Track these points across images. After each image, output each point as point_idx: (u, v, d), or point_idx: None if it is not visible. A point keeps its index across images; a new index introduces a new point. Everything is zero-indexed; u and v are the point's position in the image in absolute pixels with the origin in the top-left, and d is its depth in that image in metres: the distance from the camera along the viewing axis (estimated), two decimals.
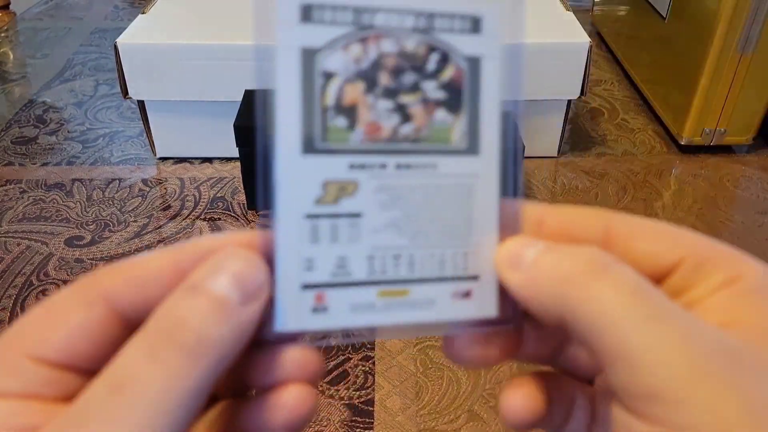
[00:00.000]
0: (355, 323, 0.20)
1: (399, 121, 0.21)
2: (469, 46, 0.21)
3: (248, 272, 0.18)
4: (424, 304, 0.20)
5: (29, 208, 0.90)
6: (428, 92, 0.21)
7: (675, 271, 0.18)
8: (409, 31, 0.20)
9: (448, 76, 0.21)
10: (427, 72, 0.21)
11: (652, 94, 1.19)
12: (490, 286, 0.21)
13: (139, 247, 0.84)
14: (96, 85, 1.25)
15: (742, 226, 0.91)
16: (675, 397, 0.14)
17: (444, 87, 0.21)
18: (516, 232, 0.20)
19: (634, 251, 0.19)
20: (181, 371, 0.16)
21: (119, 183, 0.97)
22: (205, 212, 0.91)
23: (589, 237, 0.19)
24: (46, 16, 1.57)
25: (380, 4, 0.20)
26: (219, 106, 0.97)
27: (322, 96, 0.20)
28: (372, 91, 0.20)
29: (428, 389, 0.65)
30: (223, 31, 0.95)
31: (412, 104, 0.21)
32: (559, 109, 1.02)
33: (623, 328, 0.15)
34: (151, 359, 0.15)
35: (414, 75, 0.21)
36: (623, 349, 0.15)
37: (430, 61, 0.21)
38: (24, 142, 1.07)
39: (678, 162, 1.05)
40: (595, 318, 0.16)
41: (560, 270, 0.17)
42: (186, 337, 0.16)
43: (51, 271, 0.79)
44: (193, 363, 0.16)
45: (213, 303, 0.17)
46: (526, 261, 0.19)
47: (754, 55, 0.97)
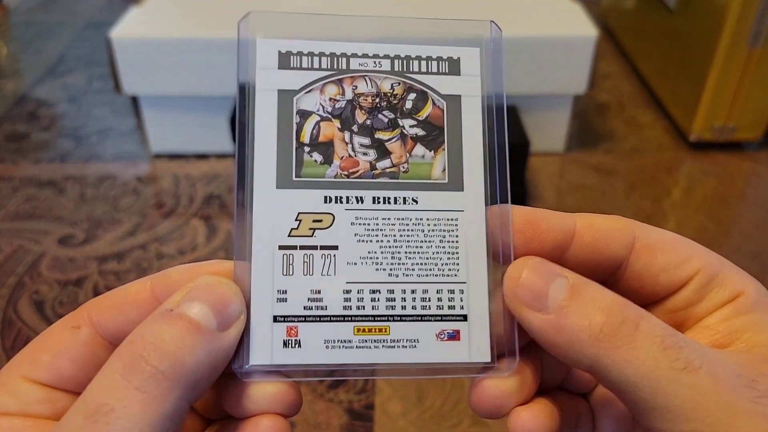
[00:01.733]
0: (329, 360, 0.19)
1: (376, 157, 0.21)
2: (448, 86, 0.22)
3: (226, 298, 0.18)
4: (406, 344, 0.20)
5: (22, 207, 0.88)
6: (406, 129, 0.21)
7: (689, 283, 0.20)
8: (385, 73, 0.21)
9: (425, 113, 0.21)
10: (405, 110, 0.21)
11: (660, 88, 1.16)
12: (482, 328, 0.20)
13: (133, 245, 0.82)
14: (89, 80, 1.23)
15: (753, 224, 0.89)
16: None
17: (422, 124, 0.21)
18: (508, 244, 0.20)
19: (657, 263, 0.20)
20: (157, 397, 0.16)
21: (114, 181, 0.95)
22: (200, 210, 0.89)
23: (618, 250, 0.20)
24: (39, 10, 1.54)
25: (356, 50, 0.21)
26: (214, 101, 0.95)
27: (299, 133, 0.20)
28: (348, 128, 0.21)
29: (430, 393, 0.64)
30: (219, 23, 0.93)
31: (389, 140, 0.21)
32: (566, 104, 1.00)
33: (659, 383, 0.17)
34: (127, 385, 0.16)
35: (391, 113, 0.21)
36: (661, 402, 0.17)
37: (408, 100, 0.21)
38: (16, 138, 1.05)
39: (687, 159, 1.03)
40: (630, 375, 0.17)
41: (592, 327, 0.17)
42: (161, 361, 0.16)
43: (44, 270, 0.77)
44: (168, 388, 0.16)
45: (189, 328, 0.17)
46: (552, 305, 0.18)
47: (765, 50, 0.94)
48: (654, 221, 0.88)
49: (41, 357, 0.18)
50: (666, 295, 0.20)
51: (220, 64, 0.90)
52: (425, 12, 1.00)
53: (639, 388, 0.17)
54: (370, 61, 0.21)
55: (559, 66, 0.94)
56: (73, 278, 0.76)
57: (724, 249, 0.84)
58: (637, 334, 0.17)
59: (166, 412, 0.16)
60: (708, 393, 0.16)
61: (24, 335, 0.69)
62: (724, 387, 0.17)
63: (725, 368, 0.17)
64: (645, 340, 0.17)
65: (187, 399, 0.17)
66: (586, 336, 0.17)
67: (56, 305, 0.73)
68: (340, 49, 0.21)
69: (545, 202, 0.91)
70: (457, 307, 0.20)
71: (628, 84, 1.24)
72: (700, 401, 0.16)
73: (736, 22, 0.92)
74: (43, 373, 0.18)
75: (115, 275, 0.77)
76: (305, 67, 0.21)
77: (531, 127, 0.94)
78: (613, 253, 0.20)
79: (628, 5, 1.33)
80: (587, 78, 0.94)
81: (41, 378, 0.18)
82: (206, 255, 0.81)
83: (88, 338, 0.19)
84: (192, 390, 0.17)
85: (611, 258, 0.20)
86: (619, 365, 0.17)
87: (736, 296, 0.19)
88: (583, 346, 0.17)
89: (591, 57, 0.92)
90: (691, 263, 0.19)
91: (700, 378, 0.17)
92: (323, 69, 0.21)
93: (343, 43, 0.21)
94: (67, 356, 0.18)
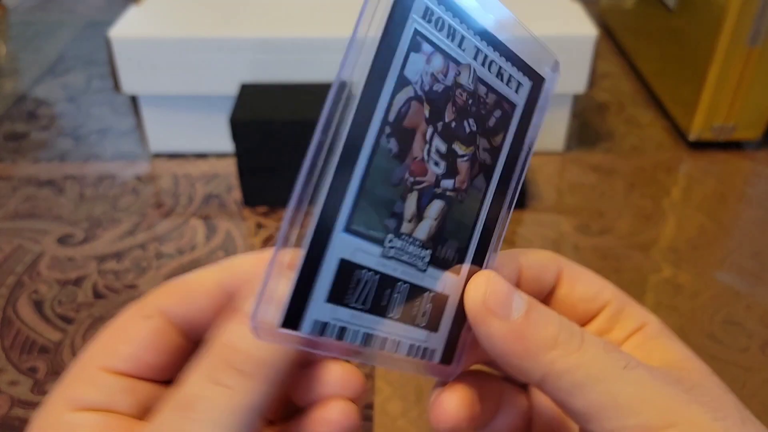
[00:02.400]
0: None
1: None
2: None
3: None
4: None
5: (21, 206, 0.88)
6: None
7: (600, 313, 0.23)
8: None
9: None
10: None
11: (660, 88, 1.16)
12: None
13: (132, 245, 0.81)
14: (88, 79, 1.23)
15: (752, 223, 0.89)
16: (663, 425, 0.18)
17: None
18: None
19: (576, 293, 0.23)
20: (241, 391, 0.17)
21: (113, 180, 0.95)
22: (199, 209, 0.89)
23: (550, 281, 0.23)
24: (38, 9, 1.54)
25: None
26: (214, 101, 0.95)
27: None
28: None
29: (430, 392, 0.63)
30: (219, 22, 0.93)
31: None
32: (565, 104, 1.00)
33: (607, 381, 0.19)
34: (214, 383, 0.17)
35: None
36: (610, 401, 0.18)
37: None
38: (15, 138, 1.05)
39: (686, 158, 1.03)
40: (581, 377, 0.19)
41: (549, 336, 0.19)
42: (242, 361, 0.18)
43: (43, 270, 0.77)
44: (250, 383, 0.18)
45: None
46: (515, 314, 0.19)
47: (764, 49, 0.94)
48: (653, 220, 0.88)
49: (120, 347, 0.19)
50: (582, 323, 0.22)
51: (220, 64, 0.90)
52: None
53: (589, 389, 0.19)
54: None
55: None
56: (73, 278, 0.76)
57: (723, 248, 0.84)
58: (584, 343, 0.19)
59: (250, 405, 0.17)
60: (649, 386, 0.19)
61: (23, 335, 0.69)
62: (661, 381, 0.19)
63: (656, 369, 0.19)
64: (591, 346, 0.19)
65: (268, 392, 0.18)
66: (543, 344, 0.19)
67: (55, 305, 0.73)
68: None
69: (545, 201, 0.91)
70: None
71: (628, 83, 1.24)
72: (644, 394, 0.18)
73: (735, 21, 0.92)
74: (124, 363, 0.19)
75: (114, 275, 0.76)
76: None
77: None
78: (546, 283, 0.23)
79: (627, 5, 1.33)
80: (587, 77, 0.94)
81: (123, 368, 0.19)
82: (205, 255, 0.81)
83: (162, 326, 0.19)
84: (272, 383, 0.18)
85: (544, 288, 0.23)
86: (571, 369, 0.19)
87: (642, 326, 0.22)
88: (539, 353, 0.19)
89: (590, 56, 0.92)
90: (603, 295, 0.23)
91: (640, 374, 0.19)
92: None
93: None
94: (144, 345, 0.19)
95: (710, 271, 0.80)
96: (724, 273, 0.79)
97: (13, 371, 0.66)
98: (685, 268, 0.79)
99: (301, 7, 0.98)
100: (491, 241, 0.21)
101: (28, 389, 0.64)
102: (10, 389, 0.64)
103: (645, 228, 0.86)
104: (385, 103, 0.17)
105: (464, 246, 0.20)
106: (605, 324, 0.23)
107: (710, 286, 0.77)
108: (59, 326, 0.70)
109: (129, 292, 0.74)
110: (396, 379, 0.65)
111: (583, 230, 0.85)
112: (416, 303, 0.20)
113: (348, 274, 0.18)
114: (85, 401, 0.18)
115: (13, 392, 0.64)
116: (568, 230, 0.85)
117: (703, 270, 0.79)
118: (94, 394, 0.18)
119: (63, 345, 0.68)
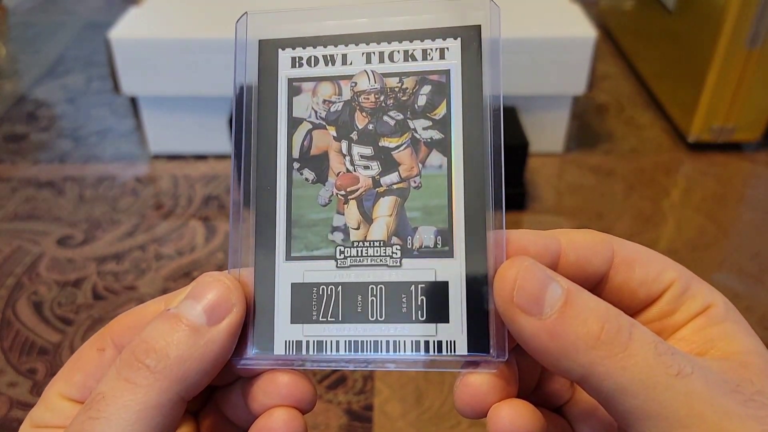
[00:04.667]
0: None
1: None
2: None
3: (218, 294, 0.19)
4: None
5: (21, 207, 0.88)
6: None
7: (663, 295, 0.20)
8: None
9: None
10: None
11: (659, 89, 1.16)
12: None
13: (131, 246, 0.81)
14: (88, 80, 1.23)
15: (752, 224, 0.89)
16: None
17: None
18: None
19: (636, 276, 0.20)
20: (146, 389, 0.17)
21: (112, 181, 0.95)
22: (198, 211, 0.89)
23: (600, 266, 0.20)
24: (38, 10, 1.54)
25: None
26: (213, 102, 0.95)
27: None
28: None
29: (429, 394, 0.63)
30: (218, 24, 0.93)
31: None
32: (565, 105, 1.00)
33: (655, 389, 0.17)
34: (122, 379, 0.18)
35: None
36: (655, 409, 0.17)
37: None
38: (15, 139, 1.05)
39: (686, 159, 1.03)
40: (625, 382, 0.17)
41: (589, 334, 0.17)
42: (148, 356, 0.18)
43: (42, 271, 0.77)
44: (158, 382, 0.17)
45: (175, 324, 0.18)
46: (548, 311, 0.18)
47: (764, 50, 0.94)
48: (653, 222, 0.88)
49: (74, 376, 0.20)
50: (642, 307, 0.20)
51: (219, 65, 0.90)
52: None
53: (633, 396, 0.17)
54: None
55: (558, 67, 0.94)
56: (72, 279, 0.76)
57: (723, 250, 0.84)
58: (632, 342, 0.17)
59: (152, 401, 0.17)
60: (701, 398, 0.17)
61: (22, 336, 0.69)
62: (715, 391, 0.17)
63: (712, 374, 0.17)
64: (640, 347, 0.17)
65: (176, 391, 0.18)
66: (582, 343, 0.17)
67: (55, 306, 0.73)
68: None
69: (544, 202, 0.91)
70: None
71: (627, 85, 1.24)
72: (694, 406, 0.17)
73: (734, 22, 0.92)
74: (76, 391, 0.20)
75: (113, 276, 0.76)
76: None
77: (530, 128, 0.94)
78: (596, 269, 0.20)
79: (626, 6, 1.33)
80: (586, 79, 0.94)
81: (74, 395, 0.20)
82: (205, 256, 0.81)
83: (112, 358, 0.20)
84: (181, 382, 0.18)
85: (594, 273, 0.20)
86: (615, 373, 0.17)
87: (707, 308, 0.20)
88: (578, 353, 0.17)
89: (590, 58, 0.92)
90: (666, 275, 0.20)
91: (693, 383, 0.17)
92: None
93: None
94: (95, 376, 0.20)
95: (709, 272, 0.80)
96: (724, 274, 0.79)
97: (12, 372, 0.65)
98: None
99: (301, 5, 0.98)
100: (485, 213, 0.19)
101: (27, 390, 0.64)
102: (9, 390, 0.64)
103: (644, 229, 0.86)
104: (283, 145, 0.19)
105: (446, 227, 0.19)
106: (668, 306, 0.20)
107: None
108: (58, 327, 0.70)
109: (128, 293, 0.74)
110: (395, 381, 0.65)
111: None
112: (401, 299, 0.19)
113: (305, 294, 0.19)
114: (44, 422, 0.20)
115: (12, 393, 0.63)
116: None
117: (703, 271, 0.79)
118: (50, 417, 0.20)
119: (62, 346, 0.68)
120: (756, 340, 0.19)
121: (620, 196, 0.93)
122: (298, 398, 0.19)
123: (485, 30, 0.20)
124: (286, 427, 0.19)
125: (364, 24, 0.20)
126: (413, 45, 0.20)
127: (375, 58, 0.20)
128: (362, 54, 0.20)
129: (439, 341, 0.19)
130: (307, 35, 0.20)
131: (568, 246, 0.20)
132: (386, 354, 0.19)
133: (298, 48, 0.20)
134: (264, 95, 0.20)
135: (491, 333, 0.19)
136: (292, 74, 0.20)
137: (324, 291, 0.19)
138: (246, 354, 0.19)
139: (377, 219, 0.19)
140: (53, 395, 0.20)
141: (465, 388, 0.19)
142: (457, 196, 0.19)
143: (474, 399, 0.19)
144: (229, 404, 0.22)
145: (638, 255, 0.20)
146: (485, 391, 0.19)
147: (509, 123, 0.91)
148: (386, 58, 0.20)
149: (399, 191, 0.19)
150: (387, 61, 0.19)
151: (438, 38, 0.20)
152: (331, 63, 0.20)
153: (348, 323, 0.19)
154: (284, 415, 0.19)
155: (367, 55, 0.20)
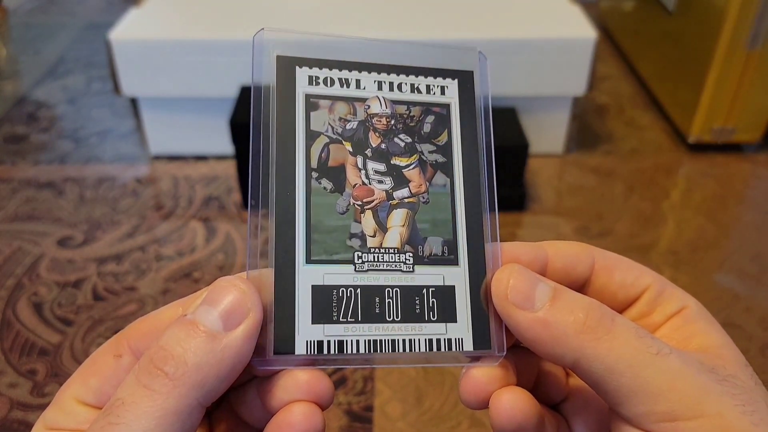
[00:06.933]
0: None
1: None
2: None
3: (234, 300, 0.19)
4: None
5: (21, 208, 0.88)
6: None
7: (640, 298, 0.22)
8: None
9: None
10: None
11: (659, 90, 1.16)
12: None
13: (132, 247, 0.81)
14: (88, 81, 1.23)
15: (752, 225, 0.89)
16: (691, 414, 0.18)
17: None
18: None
19: (614, 280, 0.23)
20: (165, 396, 0.18)
21: (113, 182, 0.95)
22: (199, 212, 0.89)
23: (583, 272, 0.23)
24: (38, 11, 1.54)
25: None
26: (214, 103, 0.95)
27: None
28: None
29: (429, 395, 0.64)
30: (219, 25, 0.93)
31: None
32: (565, 106, 1.00)
33: (638, 367, 0.19)
34: (141, 386, 0.18)
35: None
36: (640, 385, 0.19)
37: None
38: (15, 140, 1.05)
39: (686, 160, 1.03)
40: (612, 362, 0.19)
41: (576, 321, 0.19)
42: (166, 363, 0.18)
43: (43, 272, 0.77)
44: (176, 389, 0.18)
45: (192, 331, 0.18)
46: (539, 305, 0.20)
47: (764, 51, 0.94)
48: (653, 223, 0.88)
49: (90, 381, 0.20)
50: (622, 309, 0.23)
51: (220, 66, 0.90)
52: (425, 17, 1.00)
53: (620, 374, 0.19)
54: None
55: (558, 68, 0.94)
56: (72, 280, 0.76)
57: (723, 251, 0.84)
58: (615, 326, 0.19)
59: (171, 408, 0.18)
60: (680, 374, 0.19)
61: (23, 337, 0.69)
62: (693, 370, 0.19)
63: (689, 356, 0.19)
64: (622, 331, 0.19)
65: (195, 397, 0.18)
66: (572, 330, 0.19)
67: (55, 307, 0.73)
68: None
69: (544, 203, 0.91)
70: None
71: (627, 86, 1.24)
72: (674, 382, 0.18)
73: (734, 23, 0.92)
74: (92, 396, 0.20)
75: (114, 277, 0.76)
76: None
77: (530, 129, 0.94)
78: (579, 274, 0.22)
79: (627, 7, 1.33)
80: (586, 80, 0.94)
81: (90, 401, 0.20)
82: (205, 257, 0.81)
83: (129, 365, 0.20)
84: (199, 388, 0.18)
85: (578, 278, 0.22)
86: (602, 354, 0.19)
87: (682, 309, 0.22)
88: (568, 339, 0.19)
89: (590, 59, 0.92)
90: (642, 280, 0.22)
91: (672, 361, 0.19)
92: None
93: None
94: (111, 382, 0.20)
95: (710, 273, 0.80)
96: (724, 275, 0.79)
97: (12, 373, 0.65)
98: (685, 270, 0.79)
99: (301, 8, 0.99)
100: (483, 227, 0.22)
101: (28, 391, 0.64)
102: (10, 391, 0.64)
103: (644, 230, 0.86)
104: (302, 155, 0.21)
105: (451, 238, 0.22)
106: (645, 307, 0.22)
107: (710, 288, 0.77)
108: (59, 328, 0.70)
109: (129, 294, 0.74)
110: (396, 382, 0.65)
111: (582, 232, 0.85)
112: (415, 301, 0.21)
113: (326, 296, 0.20)
114: (58, 424, 0.20)
115: (13, 394, 0.63)
116: (568, 232, 0.85)
117: (703, 272, 0.79)
118: (65, 420, 0.20)
119: (62, 347, 0.68)
120: (727, 337, 0.21)
121: (620, 197, 0.93)
122: (318, 394, 0.20)
123: (476, 75, 0.23)
124: (307, 421, 0.19)
125: (376, 56, 0.22)
126: (418, 79, 0.23)
127: (386, 86, 0.22)
128: (374, 81, 0.22)
129: (448, 339, 0.21)
130: (322, 57, 0.22)
131: (555, 255, 0.22)
132: (400, 353, 0.21)
133: (314, 68, 0.22)
134: (282, 106, 0.21)
135: (491, 331, 0.21)
136: (309, 91, 0.21)
137: (344, 293, 0.21)
138: (267, 355, 0.20)
139: (391, 228, 0.22)
140: (68, 399, 0.20)
141: (469, 380, 0.21)
142: (459, 212, 0.22)
143: (477, 389, 0.21)
144: (243, 403, 0.22)
145: (617, 262, 0.23)
146: (486, 381, 0.21)
147: (509, 124, 0.91)
148: (396, 87, 0.22)
149: (410, 205, 0.22)
150: (396, 91, 0.22)
151: (439, 77, 0.23)
152: (346, 86, 0.22)
153: (367, 323, 0.21)
154: (305, 409, 0.19)
155: (378, 83, 0.22)
